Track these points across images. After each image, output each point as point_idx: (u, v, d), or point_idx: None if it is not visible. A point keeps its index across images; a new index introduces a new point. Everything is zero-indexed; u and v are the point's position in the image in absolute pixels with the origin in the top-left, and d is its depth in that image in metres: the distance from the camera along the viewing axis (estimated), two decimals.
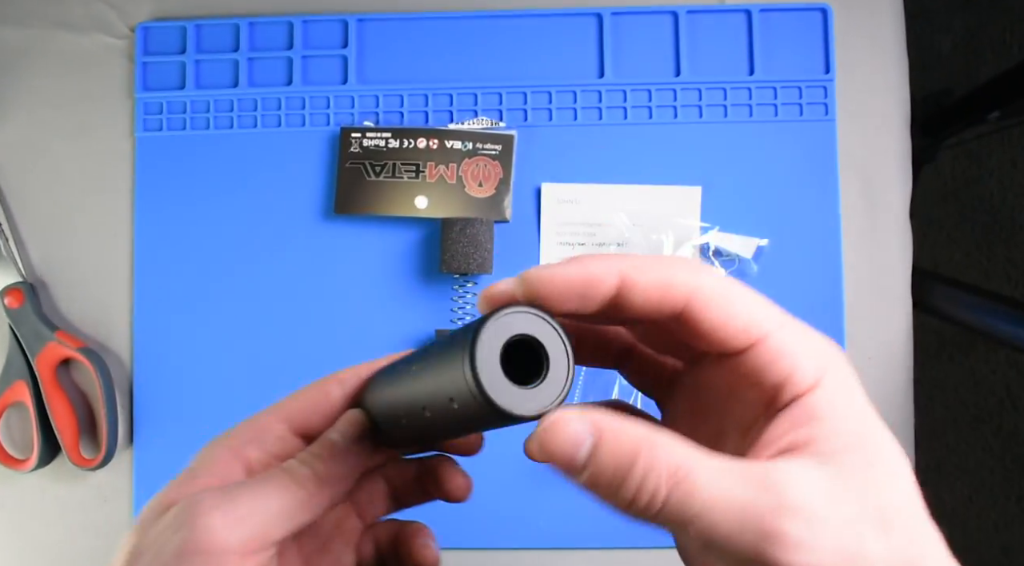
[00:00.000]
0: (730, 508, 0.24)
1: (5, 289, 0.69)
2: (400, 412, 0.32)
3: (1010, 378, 1.43)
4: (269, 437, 0.35)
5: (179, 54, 0.71)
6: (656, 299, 0.27)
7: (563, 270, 0.27)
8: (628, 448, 0.25)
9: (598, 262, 0.27)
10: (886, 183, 0.70)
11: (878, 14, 0.71)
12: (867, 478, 0.25)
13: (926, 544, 0.26)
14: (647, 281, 0.27)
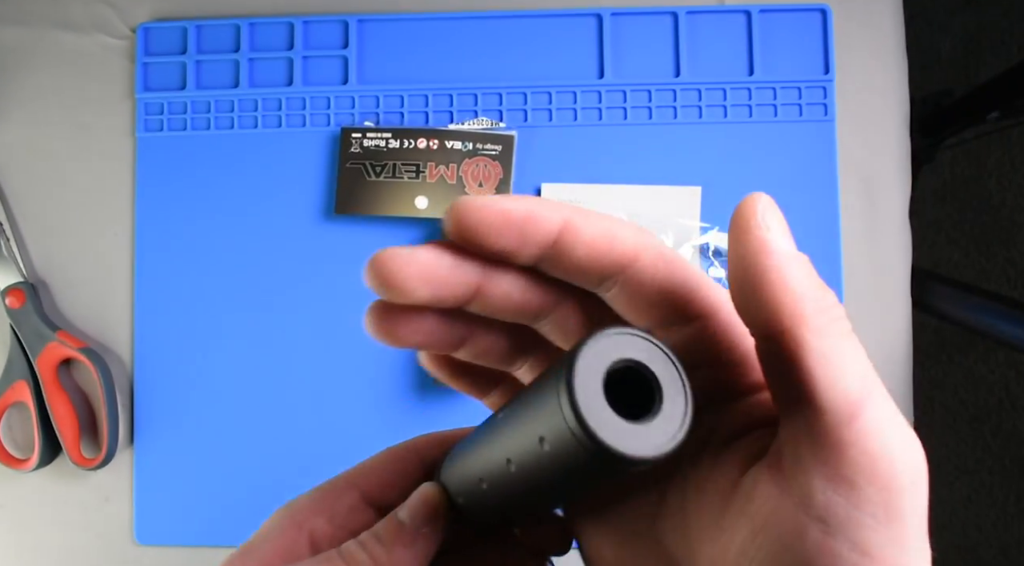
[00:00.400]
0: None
1: (6, 289, 0.69)
2: (481, 471, 0.26)
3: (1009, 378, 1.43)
4: (340, 507, 0.30)
5: (180, 54, 0.72)
6: (602, 251, 0.24)
7: (503, 201, 0.24)
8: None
9: (543, 203, 0.24)
10: (885, 183, 0.70)
11: (877, 15, 0.71)
12: (890, 536, 0.22)
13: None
14: (593, 230, 0.24)
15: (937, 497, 1.44)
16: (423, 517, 0.29)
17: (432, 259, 0.24)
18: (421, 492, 0.29)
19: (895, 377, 0.69)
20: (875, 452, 0.21)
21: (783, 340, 0.22)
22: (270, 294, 0.70)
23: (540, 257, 0.24)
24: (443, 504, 0.29)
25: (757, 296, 0.22)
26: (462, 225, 0.24)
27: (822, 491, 0.21)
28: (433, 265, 0.24)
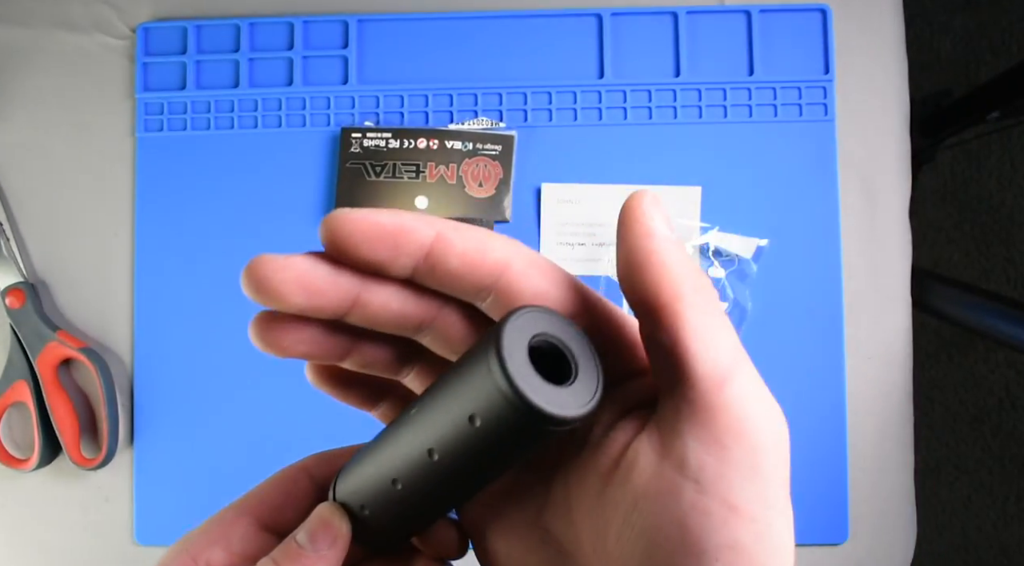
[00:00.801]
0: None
1: (6, 289, 0.69)
2: (395, 471, 0.26)
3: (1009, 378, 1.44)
4: (235, 536, 0.30)
5: (180, 54, 0.72)
6: (474, 261, 0.25)
7: (375, 214, 0.24)
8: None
9: (416, 216, 0.25)
10: (886, 183, 0.70)
11: (877, 15, 0.71)
12: (745, 492, 0.23)
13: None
14: (465, 241, 0.25)
15: (937, 497, 1.45)
16: (323, 538, 0.28)
17: (308, 267, 0.24)
18: (319, 512, 0.29)
19: (895, 377, 0.69)
20: (742, 416, 0.23)
21: (662, 314, 0.24)
22: None
23: (414, 269, 0.25)
24: (344, 522, 0.29)
25: (641, 275, 0.25)
26: (335, 236, 0.24)
27: (695, 453, 0.23)
28: (309, 273, 0.24)
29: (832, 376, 0.68)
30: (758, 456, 0.23)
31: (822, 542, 0.68)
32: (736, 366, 0.24)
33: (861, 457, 0.68)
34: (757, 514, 0.23)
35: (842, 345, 0.68)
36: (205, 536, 0.30)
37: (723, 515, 0.23)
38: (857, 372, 0.68)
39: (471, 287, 0.25)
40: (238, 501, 0.31)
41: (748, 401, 0.24)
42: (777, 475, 0.23)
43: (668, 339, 0.24)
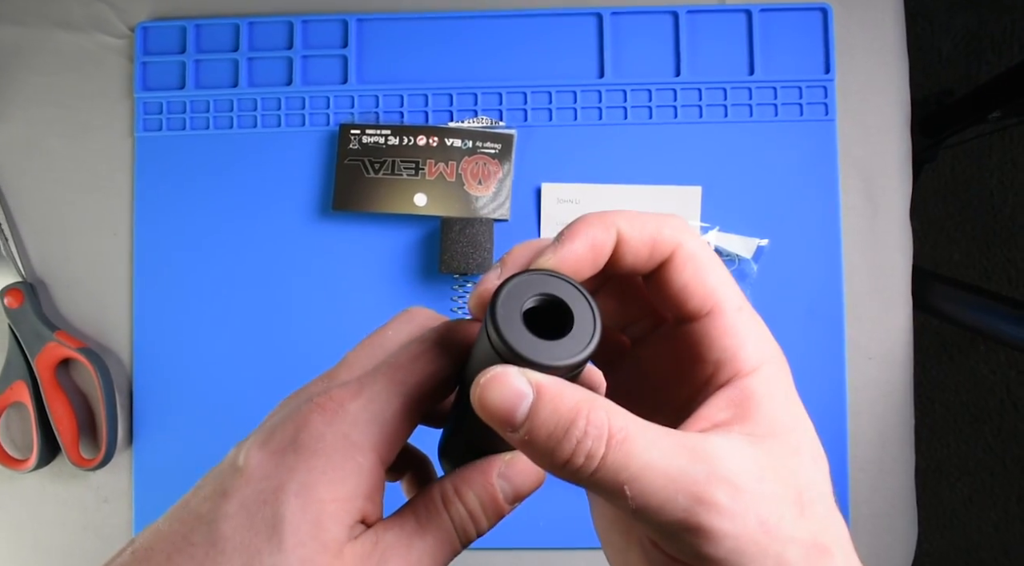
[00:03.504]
0: (666, 473, 0.25)
1: (5, 289, 0.69)
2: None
3: (1010, 378, 1.43)
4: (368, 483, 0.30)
5: (179, 54, 0.71)
6: (645, 255, 0.28)
7: (571, 249, 0.28)
8: (568, 407, 0.25)
9: (597, 228, 0.28)
10: (886, 183, 0.70)
11: (878, 14, 0.71)
12: (791, 463, 0.27)
13: (835, 530, 0.28)
14: (640, 236, 0.28)
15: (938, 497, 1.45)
16: (521, 500, 0.32)
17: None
18: (533, 479, 0.32)
19: (896, 377, 0.69)
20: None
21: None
22: (268, 291, 0.70)
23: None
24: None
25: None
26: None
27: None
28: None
29: (833, 376, 0.68)
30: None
31: None
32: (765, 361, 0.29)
33: (862, 457, 0.68)
34: (786, 531, 0.26)
35: (843, 345, 0.68)
36: (382, 428, 0.30)
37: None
38: (858, 372, 0.68)
39: (641, 271, 0.29)
40: (400, 385, 0.30)
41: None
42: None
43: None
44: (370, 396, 0.29)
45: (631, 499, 0.25)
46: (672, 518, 0.25)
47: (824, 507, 0.27)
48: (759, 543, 0.25)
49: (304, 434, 0.29)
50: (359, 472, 0.28)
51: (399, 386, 0.30)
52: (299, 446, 0.29)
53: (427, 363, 0.30)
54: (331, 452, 0.28)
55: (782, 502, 0.26)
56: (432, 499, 0.31)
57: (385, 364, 0.31)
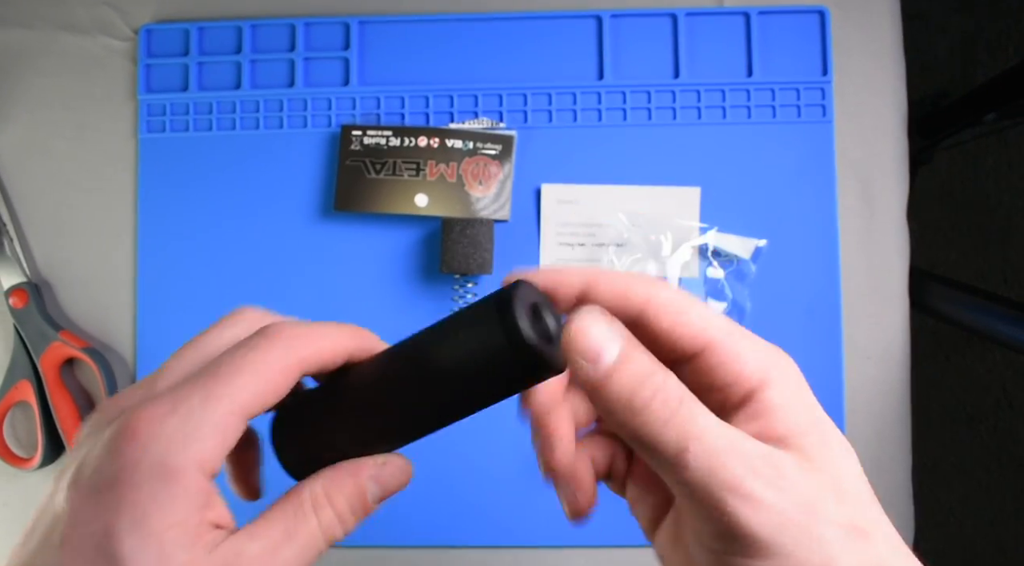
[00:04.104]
0: (722, 439, 0.27)
1: (10, 289, 0.69)
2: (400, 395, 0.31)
3: (1006, 378, 1.44)
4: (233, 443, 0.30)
5: (182, 56, 0.72)
6: (617, 302, 0.30)
7: (537, 275, 0.31)
8: (650, 362, 0.28)
9: (568, 271, 0.31)
10: (883, 184, 0.70)
11: (875, 17, 0.71)
12: (823, 456, 0.28)
13: (873, 515, 0.29)
14: (608, 285, 0.30)
15: (935, 496, 1.45)
16: (383, 498, 0.32)
17: None
18: (402, 468, 0.33)
19: (893, 376, 0.69)
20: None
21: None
22: (270, 291, 0.70)
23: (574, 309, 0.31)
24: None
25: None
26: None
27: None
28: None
29: (830, 376, 0.68)
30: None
31: None
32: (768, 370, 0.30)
33: (859, 456, 0.67)
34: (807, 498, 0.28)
35: (840, 345, 0.68)
36: (203, 441, 0.29)
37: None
38: (855, 372, 0.69)
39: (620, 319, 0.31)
40: (221, 396, 0.29)
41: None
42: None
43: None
44: (185, 413, 0.28)
45: (692, 457, 0.27)
46: (726, 481, 0.26)
47: (860, 494, 0.29)
48: (800, 523, 0.27)
49: (118, 466, 0.28)
50: (186, 494, 0.28)
51: (217, 401, 0.29)
52: (116, 481, 0.27)
53: (251, 375, 0.30)
54: (151, 481, 0.27)
55: (821, 489, 0.27)
56: (301, 504, 0.31)
57: (205, 373, 0.30)
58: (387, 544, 0.68)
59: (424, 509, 0.68)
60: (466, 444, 0.68)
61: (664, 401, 0.27)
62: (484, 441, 0.68)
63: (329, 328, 0.33)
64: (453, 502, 0.68)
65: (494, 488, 0.68)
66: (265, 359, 0.30)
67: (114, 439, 0.28)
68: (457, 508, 0.68)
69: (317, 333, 0.32)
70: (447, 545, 0.68)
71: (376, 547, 0.69)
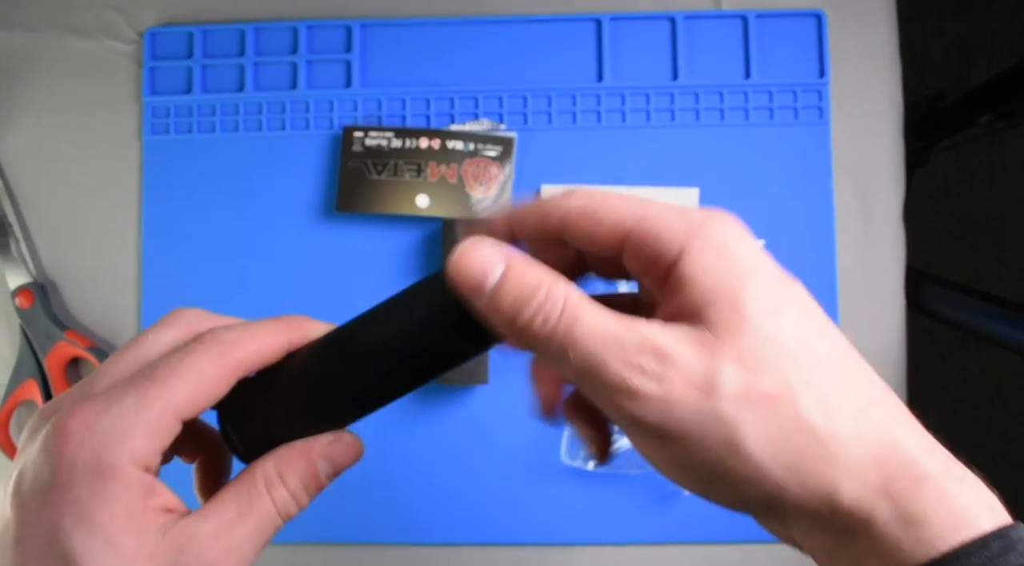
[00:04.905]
0: (604, 340, 0.27)
1: (16, 290, 0.70)
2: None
3: (1001, 377, 1.45)
4: (165, 436, 0.31)
5: (186, 59, 0.72)
6: (539, 228, 0.31)
7: (466, 229, 0.33)
8: (533, 279, 0.29)
9: (497, 216, 0.32)
10: (880, 186, 0.71)
11: (871, 20, 0.72)
12: (731, 323, 0.27)
13: (794, 373, 0.27)
14: (526, 214, 0.32)
15: None
16: (335, 474, 0.33)
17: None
18: (352, 445, 0.33)
19: (889, 377, 0.70)
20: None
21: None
22: (273, 290, 0.71)
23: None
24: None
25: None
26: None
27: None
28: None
29: None
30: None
31: None
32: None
33: None
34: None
35: None
36: (136, 438, 0.29)
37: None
38: None
39: (546, 237, 0.32)
40: (156, 398, 0.30)
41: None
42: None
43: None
44: (118, 412, 0.29)
45: (572, 360, 0.27)
46: (608, 384, 0.27)
47: (780, 354, 0.27)
48: (692, 406, 0.26)
49: (54, 467, 0.28)
50: (125, 487, 0.29)
51: (151, 401, 0.30)
52: (55, 482, 0.28)
53: (185, 378, 0.31)
54: (89, 478, 0.28)
55: (717, 362, 0.26)
56: (254, 483, 0.32)
57: (140, 376, 0.31)
58: (388, 541, 0.69)
59: (425, 506, 0.69)
60: (467, 442, 0.68)
61: (544, 317, 0.28)
62: (485, 439, 0.68)
63: (265, 326, 0.34)
64: (454, 499, 0.69)
65: (495, 485, 0.69)
66: (199, 363, 0.31)
67: (49, 440, 0.29)
68: (458, 505, 0.69)
69: (252, 335, 0.33)
70: (448, 542, 0.69)
71: (377, 544, 0.69)
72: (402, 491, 0.63)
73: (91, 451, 0.28)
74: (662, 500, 0.68)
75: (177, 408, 0.30)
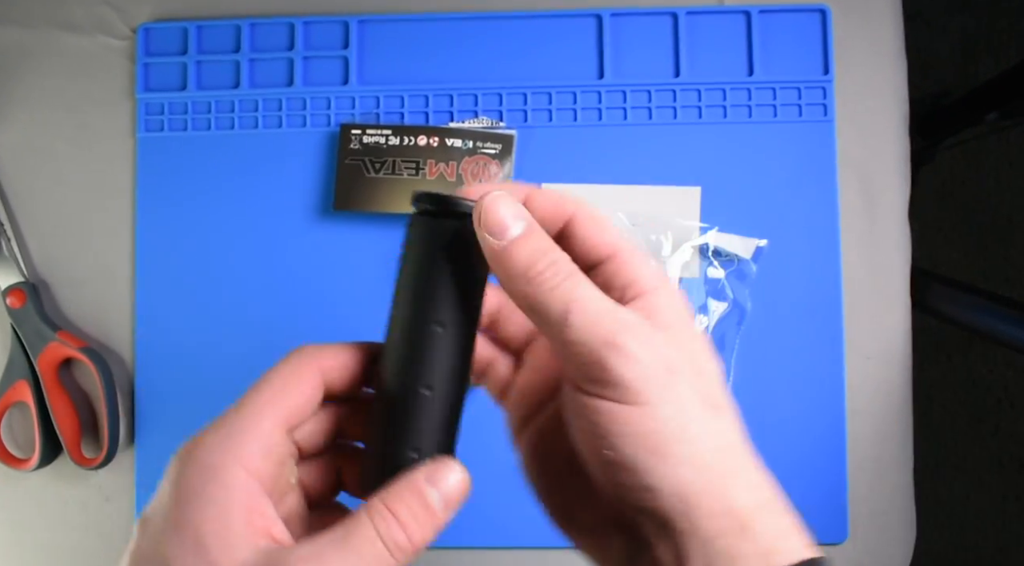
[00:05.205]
0: (599, 307, 0.31)
1: (7, 289, 0.69)
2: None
3: (1008, 378, 1.44)
4: (269, 442, 0.34)
5: (180, 55, 0.72)
6: (550, 212, 0.35)
7: (481, 193, 0.34)
8: (547, 241, 0.33)
9: (510, 187, 0.35)
10: (885, 184, 0.70)
11: (876, 16, 0.71)
12: (684, 343, 0.33)
13: (726, 397, 0.33)
14: (543, 198, 0.35)
15: (936, 496, 1.45)
16: (455, 505, 0.34)
17: None
18: (461, 480, 0.34)
19: (894, 376, 0.69)
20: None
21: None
22: (270, 290, 0.70)
23: None
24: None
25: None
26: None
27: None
28: None
29: (832, 376, 0.68)
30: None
31: (822, 541, 0.68)
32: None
33: (860, 456, 0.68)
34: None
35: (842, 345, 0.68)
36: (241, 443, 0.33)
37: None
38: (856, 372, 0.69)
39: (554, 223, 0.36)
40: (253, 403, 0.35)
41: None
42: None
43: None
44: (225, 425, 0.34)
45: (574, 317, 0.31)
46: (602, 336, 0.31)
47: (716, 379, 0.33)
48: (664, 381, 0.31)
49: (172, 484, 0.32)
50: (228, 488, 0.31)
51: (248, 408, 0.34)
52: (170, 502, 0.31)
53: (272, 384, 0.35)
54: (196, 487, 0.31)
55: (682, 361, 0.32)
56: (357, 514, 0.31)
57: (243, 397, 0.35)
58: None
59: None
60: (467, 442, 0.68)
61: (554, 272, 0.32)
62: (486, 440, 0.68)
63: (346, 343, 0.37)
64: None
65: (498, 489, 0.68)
66: (283, 370, 0.36)
67: (171, 466, 0.33)
68: (462, 508, 0.68)
69: (332, 345, 0.37)
70: (450, 546, 0.68)
71: None
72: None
73: (198, 458, 0.32)
74: None
75: (272, 411, 0.34)
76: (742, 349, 0.68)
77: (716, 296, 0.68)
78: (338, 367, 0.36)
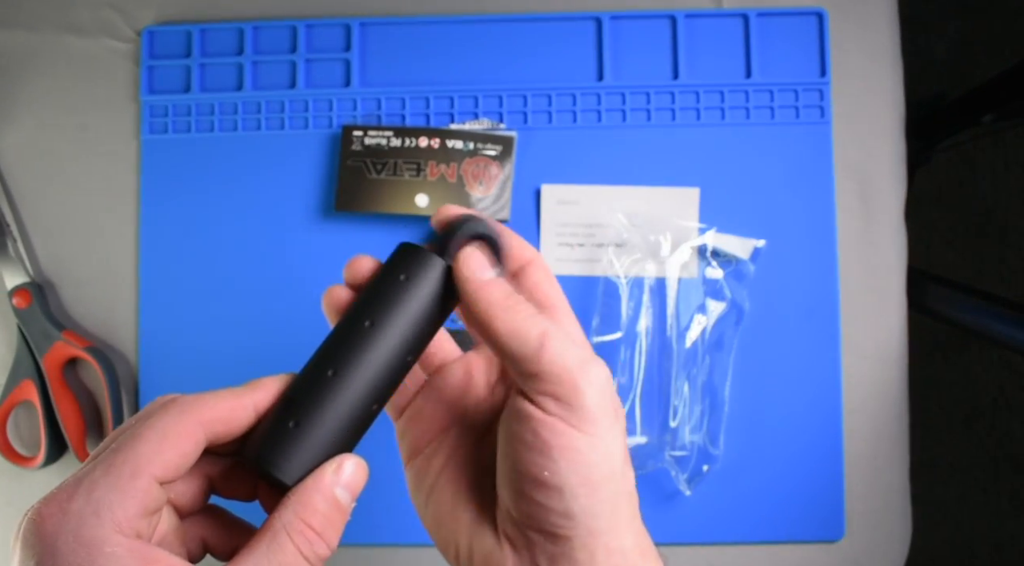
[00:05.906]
0: (566, 340, 0.34)
1: (13, 289, 0.70)
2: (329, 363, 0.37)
3: (1003, 377, 1.45)
4: (146, 497, 0.30)
5: (184, 58, 0.72)
6: (513, 254, 0.39)
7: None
8: (508, 292, 0.36)
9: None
10: (881, 185, 0.70)
11: (873, 19, 0.72)
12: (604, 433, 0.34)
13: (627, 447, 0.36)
14: (509, 240, 0.39)
15: (932, 495, 1.46)
16: (358, 493, 0.35)
17: None
18: (359, 468, 0.34)
19: (890, 376, 0.70)
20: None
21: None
22: (272, 291, 0.70)
23: None
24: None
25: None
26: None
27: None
28: None
29: (828, 375, 0.69)
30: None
31: (818, 539, 0.68)
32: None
33: (857, 455, 0.69)
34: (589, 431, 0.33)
35: (838, 345, 0.69)
36: (118, 507, 0.29)
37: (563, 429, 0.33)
38: (853, 371, 0.69)
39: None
40: (126, 461, 0.30)
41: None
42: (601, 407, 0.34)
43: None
44: (88, 487, 0.29)
45: (548, 341, 0.34)
46: (573, 364, 0.33)
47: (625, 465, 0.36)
48: (610, 417, 0.34)
49: (38, 559, 0.28)
50: (118, 558, 0.28)
51: (120, 467, 0.30)
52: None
53: (148, 440, 0.31)
54: (74, 559, 0.28)
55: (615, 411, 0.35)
56: (275, 534, 0.31)
57: (106, 450, 0.31)
58: (391, 542, 0.69)
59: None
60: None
61: (528, 305, 0.35)
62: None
63: (229, 390, 0.34)
64: None
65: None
66: (160, 423, 0.31)
67: (27, 534, 0.28)
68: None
69: (214, 396, 0.33)
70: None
71: (380, 546, 0.69)
72: (402, 492, 0.62)
73: (70, 533, 0.28)
74: (662, 501, 0.68)
75: (149, 468, 0.30)
76: (740, 349, 0.68)
77: (714, 296, 0.69)
78: (219, 420, 0.33)
